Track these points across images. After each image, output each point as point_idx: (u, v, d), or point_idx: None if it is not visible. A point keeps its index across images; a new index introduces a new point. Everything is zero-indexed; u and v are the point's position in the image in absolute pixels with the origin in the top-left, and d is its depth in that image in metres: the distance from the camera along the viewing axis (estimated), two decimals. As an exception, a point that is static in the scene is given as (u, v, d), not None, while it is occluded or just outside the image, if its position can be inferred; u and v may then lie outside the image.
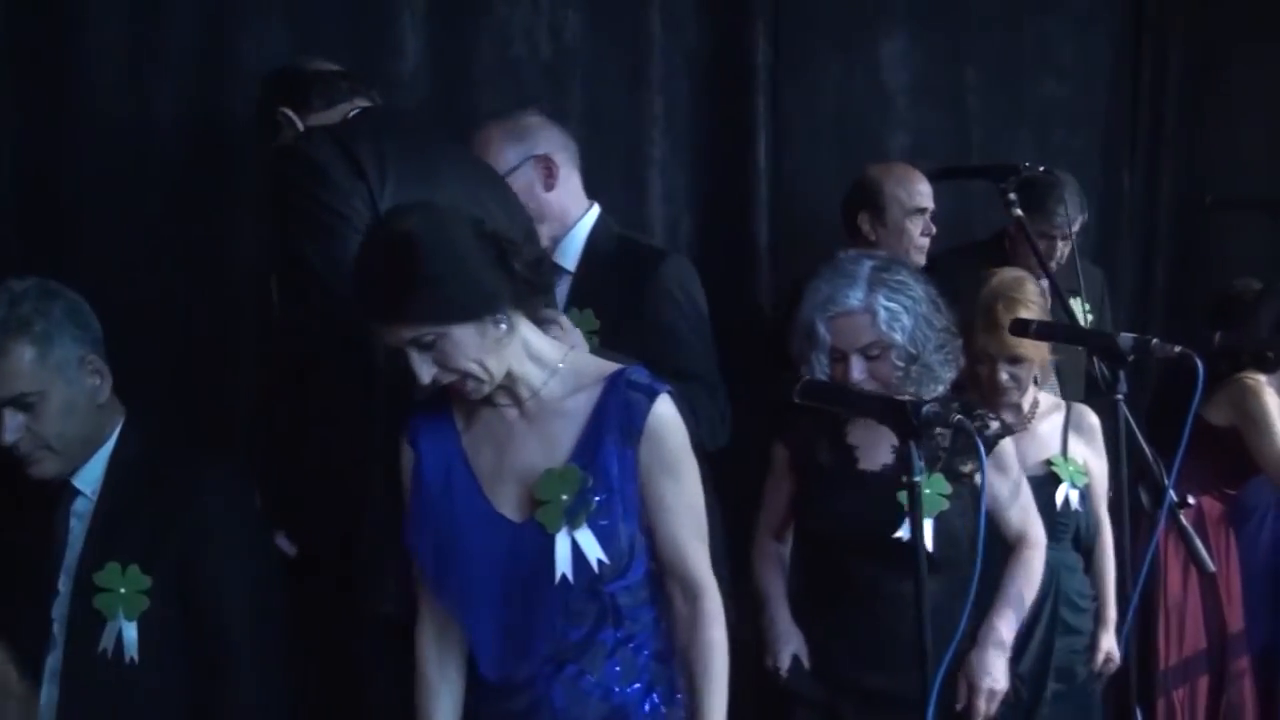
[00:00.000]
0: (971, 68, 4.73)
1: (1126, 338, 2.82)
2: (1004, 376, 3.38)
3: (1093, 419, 3.61)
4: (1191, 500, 3.22)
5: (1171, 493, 2.92)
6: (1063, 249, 4.12)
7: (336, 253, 2.49)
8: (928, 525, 2.86)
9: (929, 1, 4.67)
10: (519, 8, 3.87)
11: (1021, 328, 3.10)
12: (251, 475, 2.72)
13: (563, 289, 3.20)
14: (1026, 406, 3.51)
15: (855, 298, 2.95)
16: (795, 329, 3.07)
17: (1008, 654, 3.08)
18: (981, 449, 2.33)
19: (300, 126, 2.87)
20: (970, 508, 2.99)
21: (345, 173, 2.61)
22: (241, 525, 2.58)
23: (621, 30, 4.06)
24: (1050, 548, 3.31)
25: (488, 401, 2.36)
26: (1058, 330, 3.12)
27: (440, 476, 2.39)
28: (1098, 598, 3.64)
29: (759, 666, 3.10)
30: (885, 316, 2.94)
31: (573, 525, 2.27)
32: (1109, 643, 3.57)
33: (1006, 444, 3.10)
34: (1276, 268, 4.72)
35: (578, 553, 2.28)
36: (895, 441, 2.84)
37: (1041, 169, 3.28)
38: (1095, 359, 2.92)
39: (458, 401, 2.39)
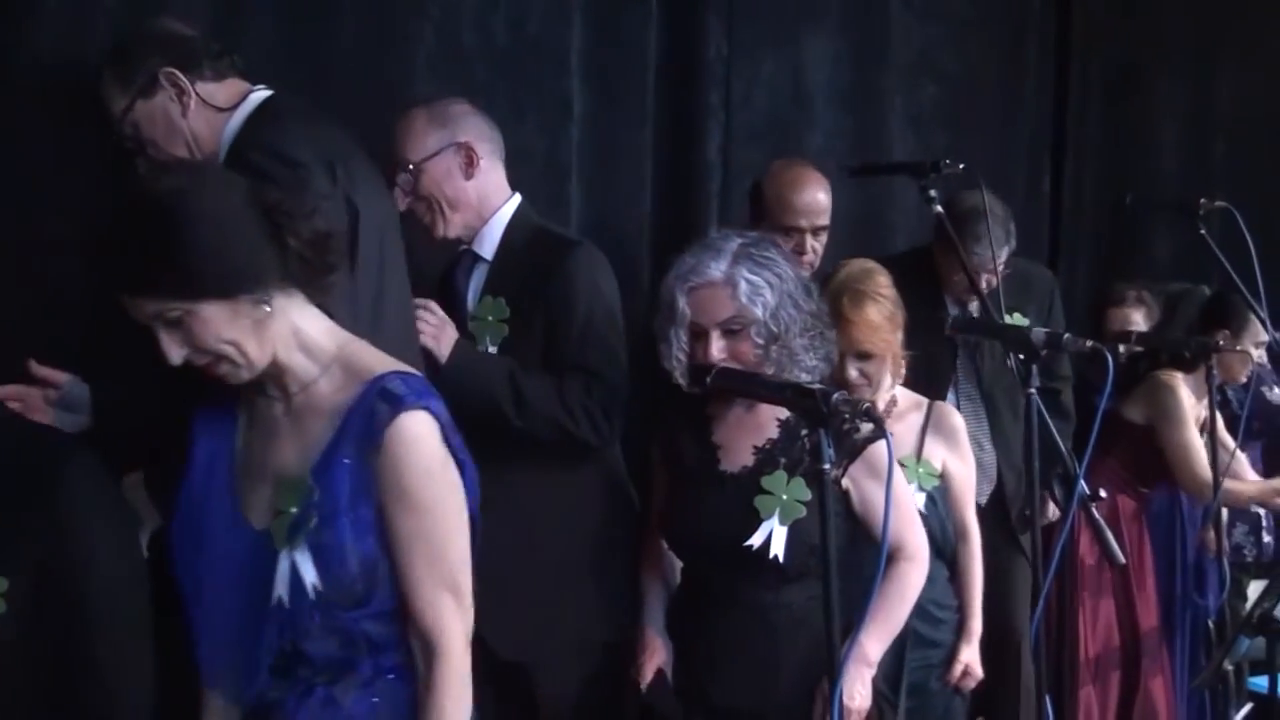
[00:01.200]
0: (894, 73, 4.75)
1: (1039, 332, 2.85)
2: (853, 373, 3.20)
3: (955, 419, 3.42)
4: (1104, 494, 3.20)
5: (1083, 485, 2.93)
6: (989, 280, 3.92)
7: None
8: (782, 534, 2.78)
9: (863, 4, 4.67)
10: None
11: (938, 324, 3.09)
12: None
13: (479, 277, 3.20)
14: (882, 404, 3.29)
15: (717, 269, 2.81)
16: (657, 304, 2.95)
17: (872, 672, 2.91)
18: (890, 451, 2.19)
19: (193, 93, 2.70)
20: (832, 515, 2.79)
21: (323, 173, 2.58)
22: (104, 523, 2.27)
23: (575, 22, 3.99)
24: None
25: (262, 392, 2.14)
26: (974, 324, 3.13)
27: (203, 472, 2.18)
28: (962, 608, 3.41)
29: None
30: (747, 289, 2.79)
31: (292, 544, 2.04)
32: (969, 655, 3.36)
33: (881, 446, 2.79)
34: (1191, 267, 4.84)
35: (295, 574, 2.04)
36: (757, 442, 2.88)
37: (961, 166, 3.26)
38: (1011, 353, 2.95)
39: (244, 391, 2.16)
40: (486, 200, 3.19)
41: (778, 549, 2.76)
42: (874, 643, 2.88)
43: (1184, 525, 4.64)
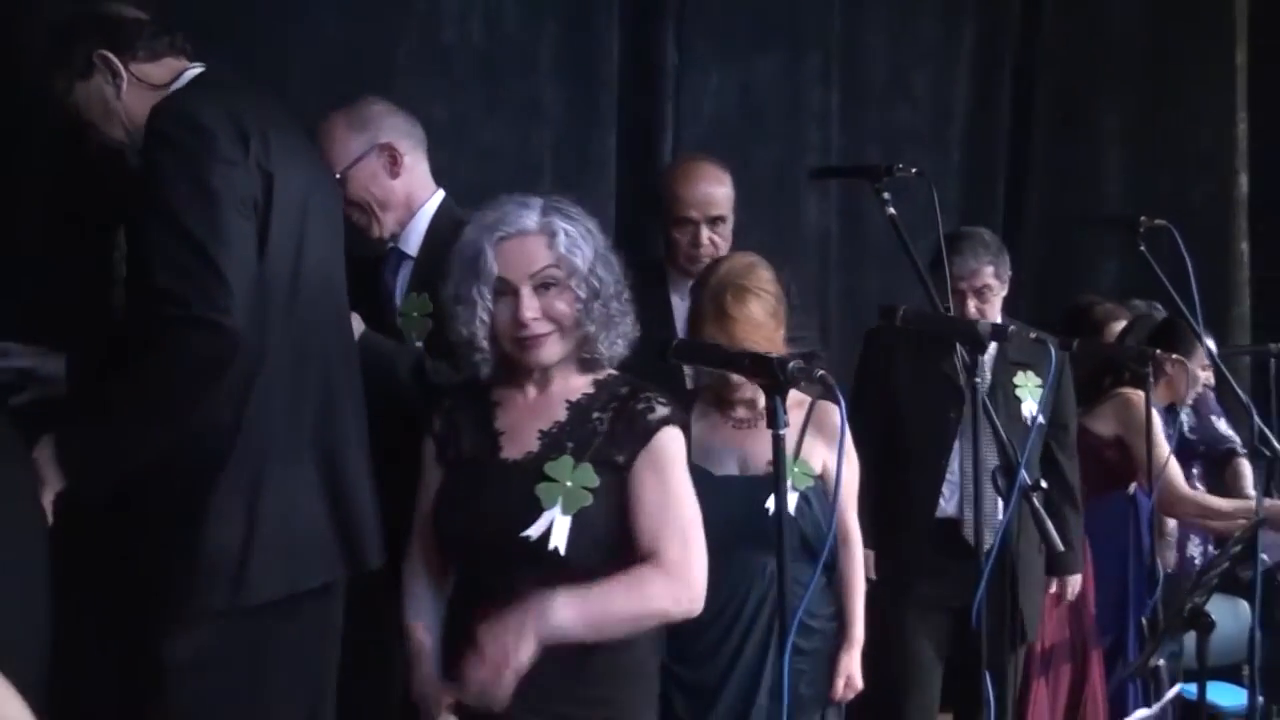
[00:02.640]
0: (840, 93, 4.88)
1: (985, 324, 2.98)
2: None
3: (836, 418, 3.14)
4: (1044, 484, 3.29)
5: (1024, 475, 2.96)
6: (977, 307, 3.99)
7: (218, 221, 2.44)
8: (564, 524, 2.48)
9: (813, 24, 4.82)
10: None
11: (889, 314, 2.95)
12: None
13: (405, 274, 3.19)
14: (762, 402, 2.89)
15: (530, 219, 2.54)
16: (455, 261, 2.63)
17: (538, 643, 2.40)
18: (842, 412, 2.18)
19: (124, 74, 2.67)
20: (624, 503, 2.51)
21: (232, 140, 2.53)
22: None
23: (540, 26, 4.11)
24: (773, 557, 2.73)
25: None
26: (924, 319, 3.09)
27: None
28: (844, 614, 3.30)
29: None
30: (565, 240, 2.53)
31: None
32: (849, 665, 3.24)
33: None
34: (1130, 280, 5.03)
35: None
36: (543, 426, 2.57)
37: (914, 170, 3.36)
38: (959, 346, 3.05)
39: None
40: (413, 196, 3.19)
41: (558, 540, 2.47)
42: (566, 611, 2.41)
43: (1138, 530, 4.75)
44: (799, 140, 4.77)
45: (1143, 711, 2.64)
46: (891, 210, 3.27)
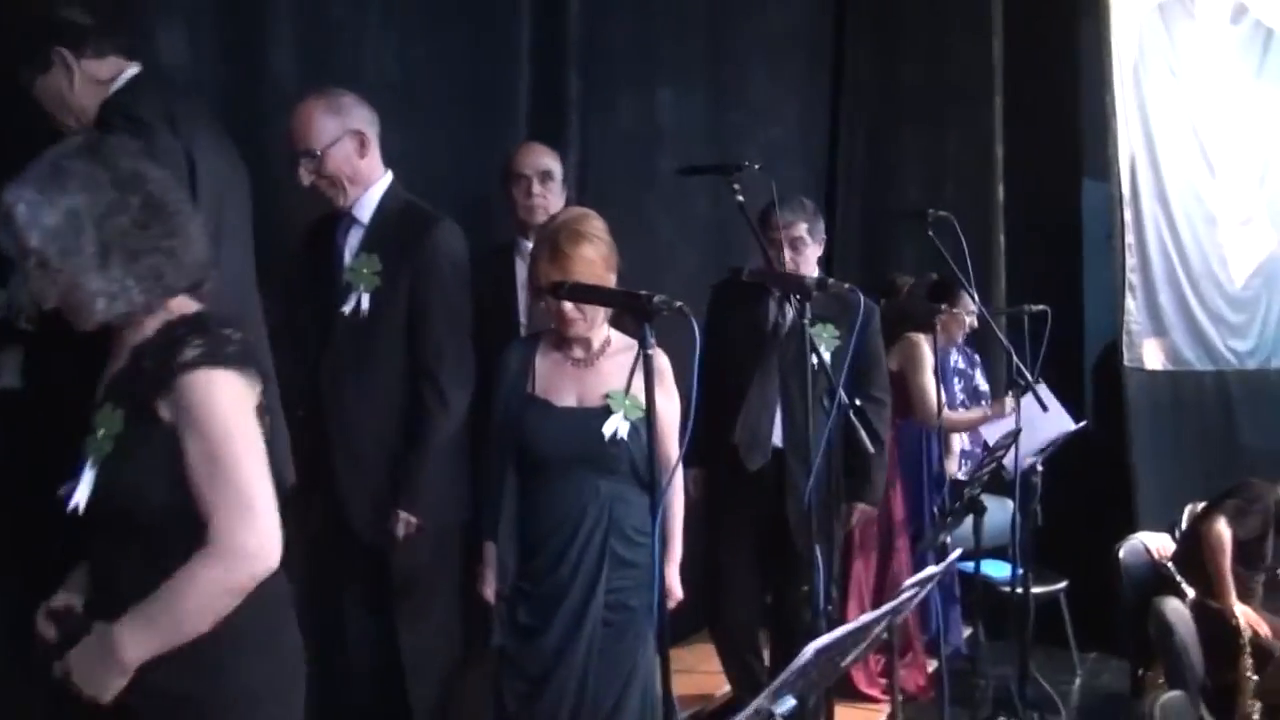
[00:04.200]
0: (731, 114, 4.79)
1: (811, 277, 2.91)
2: (568, 306, 2.70)
3: (663, 361, 2.82)
4: (859, 401, 3.23)
5: (841, 394, 2.98)
6: (791, 257, 3.71)
7: None
8: (89, 478, 1.81)
9: (700, 57, 4.71)
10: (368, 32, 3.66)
11: (737, 271, 2.86)
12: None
13: (356, 237, 3.02)
14: (597, 343, 2.81)
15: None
16: None
17: (124, 680, 1.78)
18: (652, 365, 2.03)
19: (76, 69, 2.51)
20: (162, 459, 1.78)
21: (167, 134, 2.41)
22: None
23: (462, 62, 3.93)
24: (606, 479, 2.73)
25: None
26: (763, 274, 2.99)
27: None
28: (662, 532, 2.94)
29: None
30: (20, 222, 1.81)
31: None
32: (671, 576, 2.89)
33: None
34: (925, 259, 4.99)
35: None
36: (110, 378, 1.91)
37: (758, 166, 3.28)
38: (790, 296, 2.96)
39: None
40: (372, 174, 3.03)
41: (80, 497, 1.81)
42: (133, 637, 1.77)
43: (929, 446, 4.76)
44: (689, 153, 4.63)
45: (933, 568, 2.55)
46: (740, 198, 3.22)
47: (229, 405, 1.79)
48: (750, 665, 3.89)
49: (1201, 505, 4.90)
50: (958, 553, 2.94)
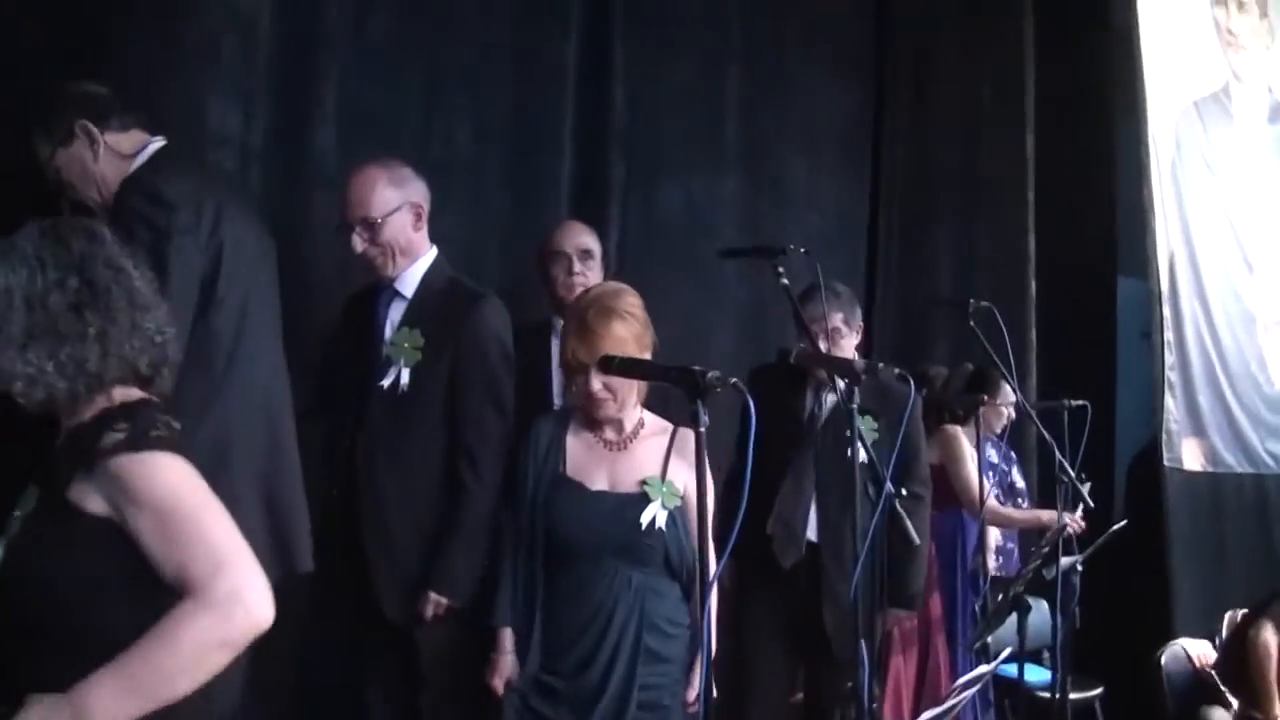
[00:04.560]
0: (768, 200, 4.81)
1: (860, 361, 2.84)
2: (597, 386, 2.56)
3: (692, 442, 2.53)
4: (904, 491, 3.16)
5: (889, 485, 2.88)
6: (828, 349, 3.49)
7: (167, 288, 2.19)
8: None
9: (739, 144, 4.72)
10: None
11: (784, 354, 2.82)
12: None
13: (398, 310, 2.95)
14: (630, 425, 2.67)
15: None
16: None
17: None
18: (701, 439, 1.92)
19: (101, 141, 2.50)
20: (76, 550, 1.64)
21: (192, 212, 2.40)
22: None
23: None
24: (639, 570, 2.59)
25: None
26: (811, 356, 2.92)
27: None
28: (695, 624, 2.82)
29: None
30: None
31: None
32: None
33: None
34: (959, 351, 4.98)
35: None
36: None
37: (803, 250, 3.24)
38: (834, 382, 2.89)
39: None
40: (422, 247, 2.98)
41: None
42: (102, 693, 1.56)
43: (964, 541, 4.64)
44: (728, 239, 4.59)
45: (985, 667, 2.45)
46: (785, 281, 3.15)
47: (171, 477, 1.66)
48: None
49: (1242, 612, 4.78)
50: (1007, 651, 2.82)
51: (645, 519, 2.57)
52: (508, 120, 3.92)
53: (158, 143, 2.57)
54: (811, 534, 3.55)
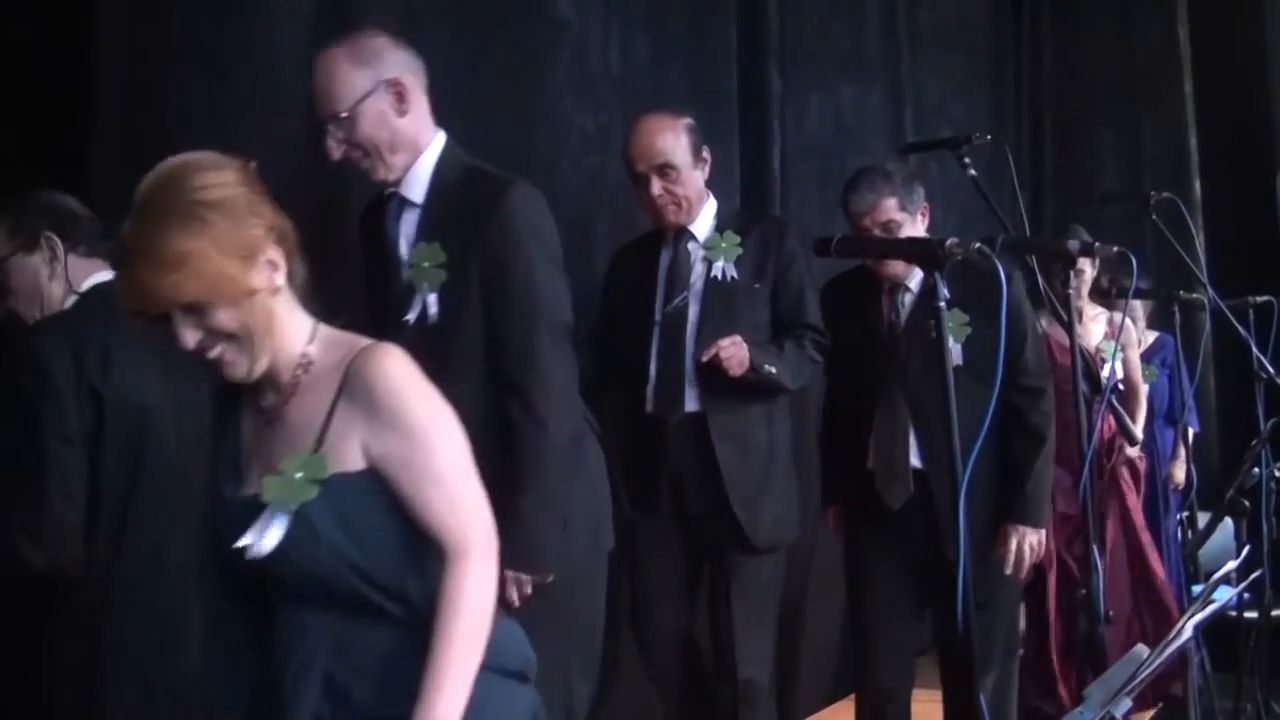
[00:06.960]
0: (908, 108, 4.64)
1: (1074, 242, 2.55)
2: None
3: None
4: (1121, 385, 2.93)
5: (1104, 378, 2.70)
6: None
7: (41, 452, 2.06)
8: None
9: (876, 51, 4.54)
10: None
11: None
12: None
13: (410, 222, 2.31)
14: (285, 374, 1.66)
15: None
16: None
17: None
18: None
19: (61, 258, 2.24)
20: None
21: (68, 374, 2.09)
22: None
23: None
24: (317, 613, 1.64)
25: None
26: (1019, 243, 2.63)
27: None
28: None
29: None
30: None
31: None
32: None
33: None
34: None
35: None
36: None
37: (989, 136, 2.94)
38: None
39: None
40: (420, 136, 2.31)
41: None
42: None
43: (1156, 456, 4.41)
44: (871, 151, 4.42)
45: (1231, 564, 2.24)
46: (972, 171, 2.84)
47: None
48: None
49: None
50: (1230, 565, 2.54)
51: (246, 540, 1.56)
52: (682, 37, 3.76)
53: (102, 276, 2.25)
54: (916, 461, 3.00)
